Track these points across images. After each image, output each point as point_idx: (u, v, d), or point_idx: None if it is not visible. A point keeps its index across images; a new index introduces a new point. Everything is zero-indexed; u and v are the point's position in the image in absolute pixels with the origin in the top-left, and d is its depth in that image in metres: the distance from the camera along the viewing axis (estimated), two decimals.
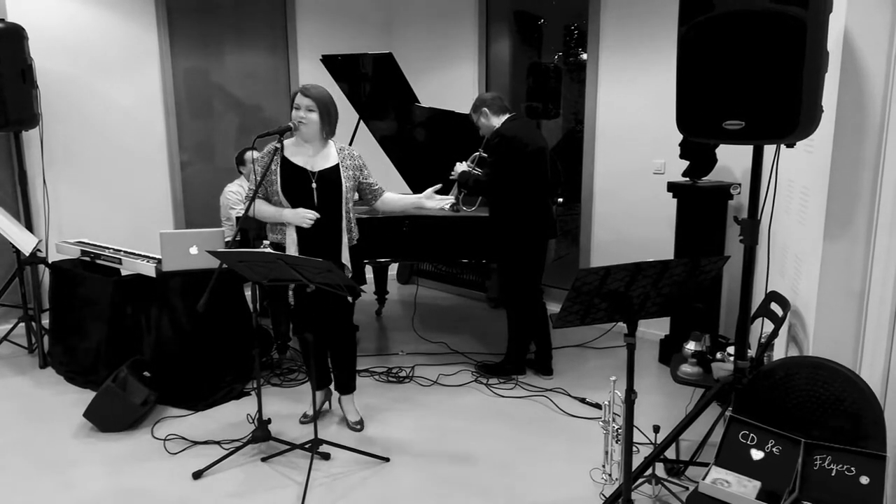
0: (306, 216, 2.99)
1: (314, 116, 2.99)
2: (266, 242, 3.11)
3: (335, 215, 3.08)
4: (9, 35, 3.97)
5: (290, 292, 3.07)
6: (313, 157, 3.07)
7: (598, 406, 3.49)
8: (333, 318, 3.24)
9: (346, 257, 3.12)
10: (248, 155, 4.36)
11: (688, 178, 3.95)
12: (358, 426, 3.33)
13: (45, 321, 4.20)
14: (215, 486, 2.82)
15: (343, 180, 3.09)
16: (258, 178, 2.97)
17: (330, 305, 3.12)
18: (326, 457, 3.01)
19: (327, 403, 3.52)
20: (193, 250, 3.50)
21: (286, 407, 3.54)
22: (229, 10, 5.27)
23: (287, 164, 3.03)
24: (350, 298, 3.07)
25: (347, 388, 3.39)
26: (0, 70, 3.91)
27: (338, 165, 3.10)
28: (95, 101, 4.70)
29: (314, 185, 3.03)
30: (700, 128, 2.32)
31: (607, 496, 2.66)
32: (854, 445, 2.16)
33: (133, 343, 3.70)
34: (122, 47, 4.75)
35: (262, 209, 3.06)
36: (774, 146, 2.49)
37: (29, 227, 4.38)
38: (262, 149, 3.14)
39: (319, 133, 3.04)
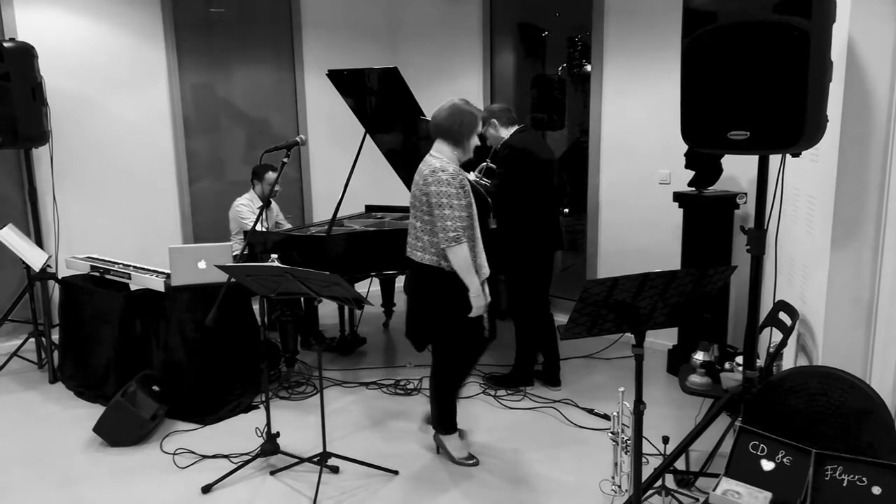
0: None
1: None
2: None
3: None
4: (19, 54, 4.02)
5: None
6: None
7: (606, 417, 3.48)
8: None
9: None
10: (269, 176, 4.58)
11: (693, 188, 3.95)
12: (470, 461, 3.08)
13: (55, 336, 4.22)
14: (224, 500, 2.82)
15: None
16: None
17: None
18: (335, 470, 3.01)
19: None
20: (202, 265, 3.51)
21: (294, 420, 3.54)
22: (235, 25, 5.33)
23: None
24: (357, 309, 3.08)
25: (435, 424, 3.14)
26: (11, 88, 3.97)
27: None
28: (104, 117, 4.75)
29: None
30: (705, 138, 2.32)
31: None
32: (865, 455, 2.15)
33: (142, 357, 3.71)
34: (131, 64, 4.81)
35: None
36: (780, 156, 2.49)
37: (39, 243, 4.42)
38: (269, 163, 3.17)
39: None
